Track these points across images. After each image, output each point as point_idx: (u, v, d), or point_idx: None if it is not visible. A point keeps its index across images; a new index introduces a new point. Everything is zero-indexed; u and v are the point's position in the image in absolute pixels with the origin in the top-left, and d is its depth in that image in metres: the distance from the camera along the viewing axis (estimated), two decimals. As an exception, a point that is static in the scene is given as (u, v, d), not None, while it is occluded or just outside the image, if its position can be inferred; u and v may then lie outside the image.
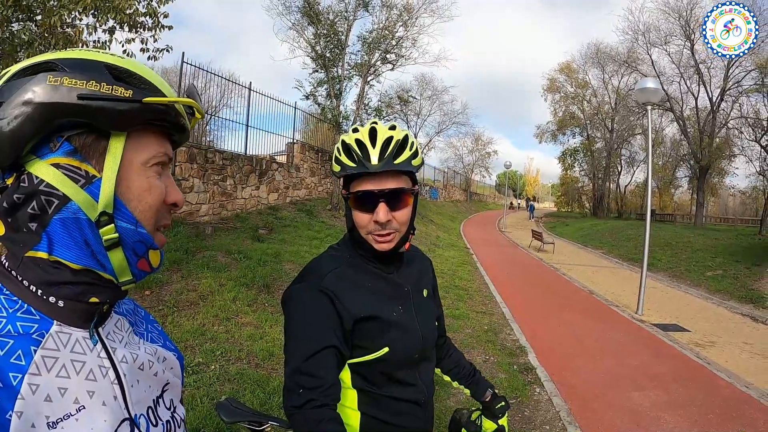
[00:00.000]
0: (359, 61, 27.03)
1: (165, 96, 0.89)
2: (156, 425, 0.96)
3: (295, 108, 19.86)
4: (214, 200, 13.84)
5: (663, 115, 42.83)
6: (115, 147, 0.86)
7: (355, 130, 1.67)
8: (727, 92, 34.61)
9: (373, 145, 1.60)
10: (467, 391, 2.18)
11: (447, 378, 2.20)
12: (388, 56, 27.26)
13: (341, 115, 24.61)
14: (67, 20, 6.73)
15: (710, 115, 35.97)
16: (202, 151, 13.18)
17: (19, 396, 0.73)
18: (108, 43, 7.42)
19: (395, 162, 1.60)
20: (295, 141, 19.51)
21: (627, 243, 25.30)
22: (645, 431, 5.56)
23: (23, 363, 0.76)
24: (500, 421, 2.10)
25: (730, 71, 33.51)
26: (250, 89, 16.71)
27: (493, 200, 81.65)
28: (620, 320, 10.84)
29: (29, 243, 0.83)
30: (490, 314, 10.67)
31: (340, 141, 1.69)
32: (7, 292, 0.84)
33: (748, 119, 35.56)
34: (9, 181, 0.83)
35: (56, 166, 0.82)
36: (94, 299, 0.88)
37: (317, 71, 25.97)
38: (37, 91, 0.79)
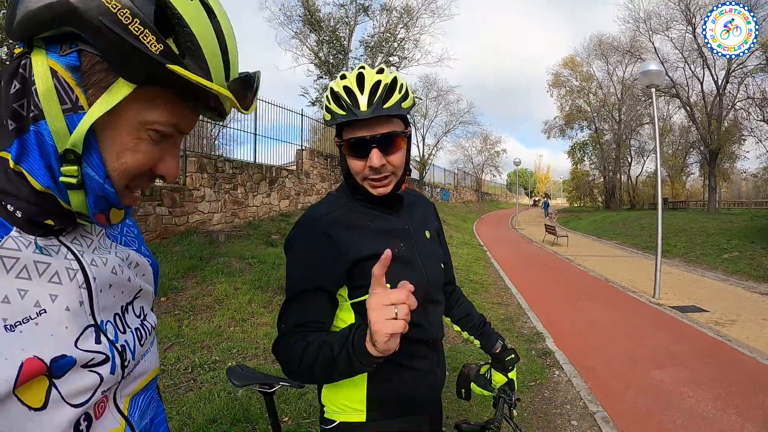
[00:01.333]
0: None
1: (205, 71, 0.80)
2: (124, 332, 0.93)
3: (302, 115, 19.91)
4: (226, 209, 13.89)
5: (670, 102, 42.66)
6: (118, 91, 0.78)
7: (343, 77, 1.66)
8: (732, 74, 34.44)
9: (361, 90, 1.59)
10: (477, 342, 2.16)
11: (456, 328, 2.17)
12: (391, 59, 27.43)
13: (348, 120, 24.89)
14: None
15: (717, 99, 35.78)
16: (212, 161, 13.23)
17: None
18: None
19: (384, 107, 1.58)
20: (303, 148, 19.54)
21: (641, 232, 25.15)
22: (667, 405, 5.52)
23: None
24: (510, 374, 2.09)
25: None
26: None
27: (504, 199, 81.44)
28: (638, 305, 10.75)
29: (1, 143, 0.80)
30: (506, 305, 10.66)
31: (329, 89, 1.68)
32: None
33: (755, 99, 35.42)
34: (17, 50, 0.79)
35: (53, 73, 0.76)
36: (49, 221, 0.83)
37: (322, 77, 26.19)
38: None
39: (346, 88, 1.60)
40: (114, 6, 0.72)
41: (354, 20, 26.45)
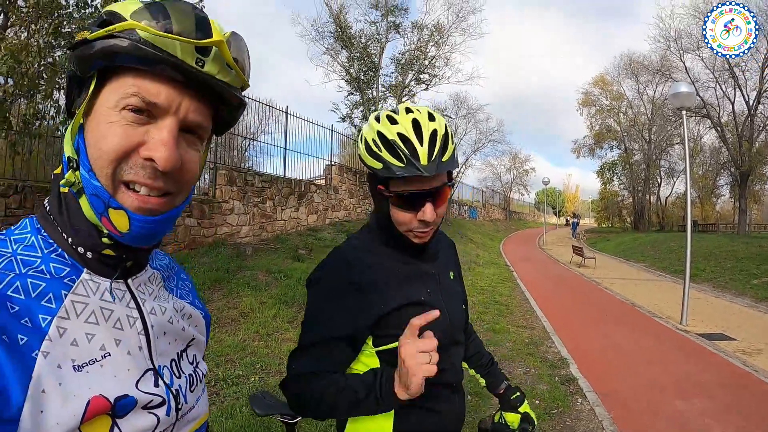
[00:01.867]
0: (393, 83, 27.25)
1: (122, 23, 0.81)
2: (179, 377, 0.98)
3: (332, 131, 20.03)
4: (254, 222, 14.01)
5: (700, 122, 42.09)
6: (88, 88, 0.86)
7: (392, 120, 1.54)
8: (764, 94, 33.85)
9: (420, 141, 1.48)
10: (483, 381, 2.13)
11: (464, 365, 2.11)
12: (421, 76, 27.44)
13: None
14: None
15: (748, 119, 35.23)
16: (242, 174, 13.38)
17: (46, 337, 0.76)
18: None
19: (443, 160, 1.50)
20: (333, 163, 19.66)
21: (669, 255, 24.78)
22: (691, 437, 5.46)
23: (53, 306, 0.79)
24: (521, 409, 2.04)
25: (765, 72, 32.76)
26: (287, 113, 16.91)
27: (532, 218, 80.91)
28: (664, 331, 10.61)
29: (63, 176, 0.88)
30: (530, 328, 10.56)
31: (375, 132, 1.54)
32: (45, 234, 0.88)
33: (788, 120, 34.85)
34: None
35: (78, 106, 0.87)
36: (108, 251, 0.88)
37: (352, 93, 26.28)
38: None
39: (402, 136, 1.49)
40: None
41: (385, 37, 26.56)
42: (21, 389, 0.69)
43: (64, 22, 6.91)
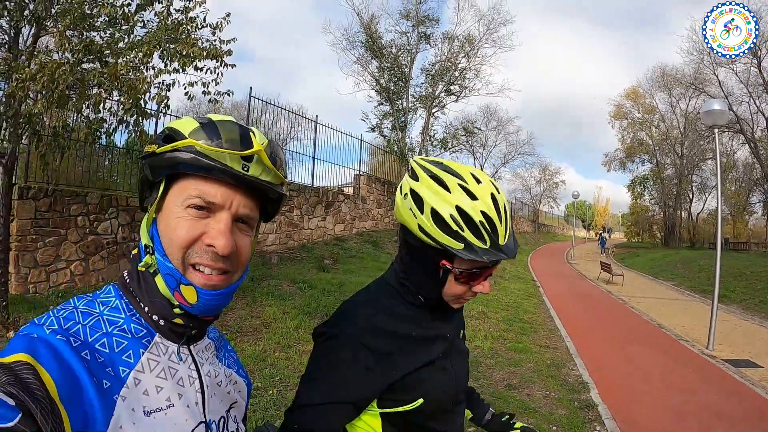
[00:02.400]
0: (423, 94, 27.26)
1: (182, 141, 1.01)
2: None
3: (361, 140, 20.11)
4: (281, 230, 14.13)
5: (733, 138, 41.43)
6: (157, 190, 1.05)
7: (471, 194, 1.38)
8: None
9: (501, 220, 1.38)
10: (469, 414, 2.06)
11: None
12: (451, 88, 27.41)
13: (407, 147, 24.81)
14: (134, 62, 7.04)
15: (782, 135, 34.66)
16: (270, 183, 13.50)
17: (125, 385, 0.91)
18: (171, 86, 7.73)
19: (516, 238, 1.45)
20: (361, 173, 19.71)
21: (699, 274, 24.38)
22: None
23: (132, 361, 0.96)
24: (517, 425, 1.99)
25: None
26: (316, 122, 17.05)
27: (561, 231, 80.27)
28: (689, 355, 10.47)
29: (139, 258, 1.06)
30: (553, 348, 10.46)
31: (454, 207, 1.36)
32: (126, 300, 1.06)
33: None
34: None
35: (151, 203, 1.07)
36: (178, 320, 1.05)
37: (382, 104, 26.30)
38: None
39: (486, 216, 1.36)
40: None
41: (416, 48, 26.58)
42: (104, 422, 0.85)
43: (95, 40, 7.05)
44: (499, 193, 1.41)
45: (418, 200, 1.41)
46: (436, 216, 1.37)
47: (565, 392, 7.70)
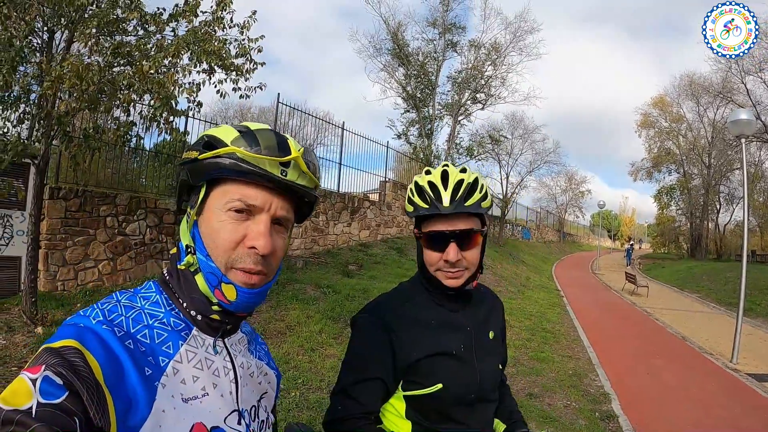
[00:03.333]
0: (449, 101, 27.23)
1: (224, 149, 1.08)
2: (255, 420, 1.20)
3: (387, 147, 20.15)
4: (307, 235, 14.23)
5: (762, 147, 40.66)
6: (198, 193, 1.13)
7: (428, 172, 1.78)
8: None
9: (445, 187, 1.69)
10: (502, 427, 2.03)
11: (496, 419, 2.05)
12: (477, 95, 27.35)
13: (433, 155, 24.85)
14: (164, 63, 7.16)
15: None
16: (296, 188, 13.60)
17: (164, 374, 0.99)
18: (201, 85, 7.85)
19: (466, 204, 1.67)
20: (387, 179, 19.75)
21: (725, 287, 24.00)
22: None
23: (171, 351, 1.04)
24: None
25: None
26: (343, 128, 17.15)
27: (587, 241, 79.57)
28: (712, 369, 10.37)
29: (179, 257, 1.15)
30: (576, 359, 10.45)
31: (414, 182, 1.79)
32: (166, 296, 1.14)
33: None
34: None
35: (192, 206, 1.15)
36: (215, 316, 1.13)
37: (409, 111, 26.35)
38: None
39: (431, 183, 1.72)
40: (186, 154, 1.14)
41: (442, 55, 26.62)
42: (147, 407, 0.92)
43: (125, 43, 7.20)
44: (463, 173, 1.73)
45: None
46: (407, 193, 1.82)
47: (587, 402, 7.70)
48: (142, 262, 9.95)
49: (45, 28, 7.41)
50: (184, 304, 1.12)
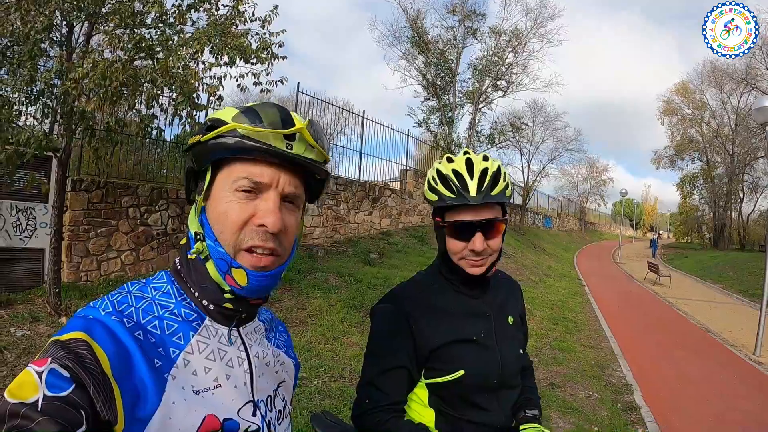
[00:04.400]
0: (470, 89, 27.04)
1: (224, 127, 1.05)
2: (271, 411, 1.17)
3: (408, 135, 20.07)
4: (328, 224, 14.26)
5: (787, 135, 39.94)
6: (204, 178, 1.11)
7: (450, 159, 1.76)
8: None
9: (471, 176, 1.67)
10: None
11: None
12: (498, 83, 27.14)
13: (453, 143, 24.74)
14: (185, 58, 7.19)
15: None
16: (316, 177, 13.64)
17: (174, 365, 0.97)
18: (223, 78, 7.87)
19: (492, 194, 1.66)
20: (408, 168, 19.72)
21: (748, 278, 23.67)
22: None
23: (182, 342, 1.02)
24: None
25: None
26: (363, 117, 17.12)
27: (608, 230, 78.92)
28: (735, 361, 10.28)
29: (189, 246, 1.12)
30: (598, 348, 10.40)
31: (435, 170, 1.76)
32: (177, 286, 1.12)
33: None
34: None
35: (199, 193, 1.12)
36: (228, 305, 1.10)
37: (429, 99, 26.23)
38: None
39: (456, 172, 1.69)
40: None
41: (462, 43, 26.40)
42: (157, 399, 0.90)
43: (145, 37, 7.24)
44: (486, 161, 1.73)
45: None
46: (426, 181, 1.81)
47: (608, 393, 7.66)
48: (164, 252, 10.04)
49: (64, 22, 7.47)
50: (196, 294, 1.10)
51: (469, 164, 1.70)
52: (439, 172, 1.74)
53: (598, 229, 72.83)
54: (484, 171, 1.68)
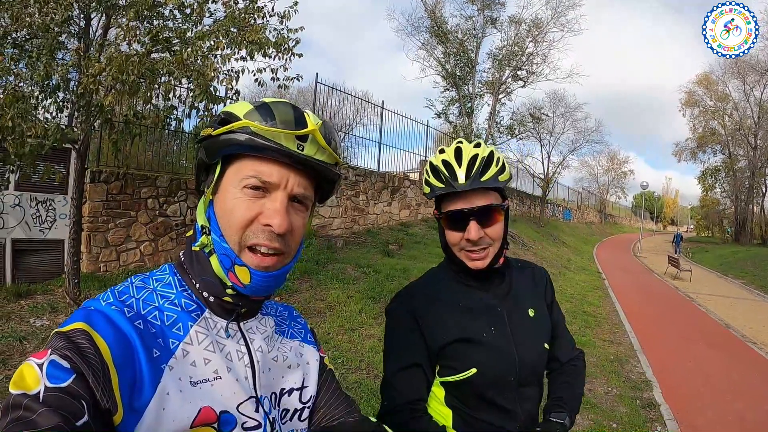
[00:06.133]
0: (490, 79, 26.93)
1: (237, 123, 1.05)
2: (276, 408, 1.15)
3: (427, 126, 20.04)
4: (347, 215, 14.27)
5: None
6: (214, 172, 1.11)
7: (442, 151, 1.74)
8: None
9: (459, 164, 1.65)
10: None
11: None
12: (518, 73, 27.00)
13: (473, 134, 24.65)
14: (203, 50, 7.18)
15: None
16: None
17: (173, 356, 0.97)
18: (241, 72, 7.88)
19: (482, 179, 1.63)
20: (427, 158, 19.66)
21: (771, 273, 23.42)
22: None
23: (181, 333, 1.02)
24: None
25: None
26: (382, 108, 17.09)
27: (628, 222, 78.49)
28: (756, 359, 10.10)
29: (194, 239, 1.13)
30: (617, 343, 10.31)
31: (428, 162, 1.76)
32: (180, 278, 1.12)
33: None
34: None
35: (208, 186, 1.12)
36: (227, 298, 1.09)
37: (448, 89, 26.16)
38: None
39: (445, 162, 1.68)
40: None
41: (482, 32, 26.31)
42: (151, 389, 0.90)
43: (162, 30, 7.24)
44: (477, 147, 1.70)
45: None
46: (424, 173, 1.79)
47: (628, 389, 7.59)
48: (183, 242, 10.05)
49: (82, 15, 7.49)
50: (197, 285, 1.10)
51: (458, 152, 1.69)
52: (431, 164, 1.74)
53: (618, 221, 72.51)
54: (474, 157, 1.66)
